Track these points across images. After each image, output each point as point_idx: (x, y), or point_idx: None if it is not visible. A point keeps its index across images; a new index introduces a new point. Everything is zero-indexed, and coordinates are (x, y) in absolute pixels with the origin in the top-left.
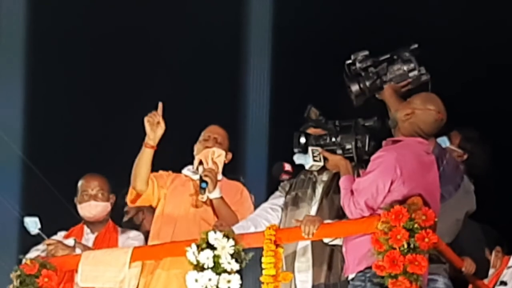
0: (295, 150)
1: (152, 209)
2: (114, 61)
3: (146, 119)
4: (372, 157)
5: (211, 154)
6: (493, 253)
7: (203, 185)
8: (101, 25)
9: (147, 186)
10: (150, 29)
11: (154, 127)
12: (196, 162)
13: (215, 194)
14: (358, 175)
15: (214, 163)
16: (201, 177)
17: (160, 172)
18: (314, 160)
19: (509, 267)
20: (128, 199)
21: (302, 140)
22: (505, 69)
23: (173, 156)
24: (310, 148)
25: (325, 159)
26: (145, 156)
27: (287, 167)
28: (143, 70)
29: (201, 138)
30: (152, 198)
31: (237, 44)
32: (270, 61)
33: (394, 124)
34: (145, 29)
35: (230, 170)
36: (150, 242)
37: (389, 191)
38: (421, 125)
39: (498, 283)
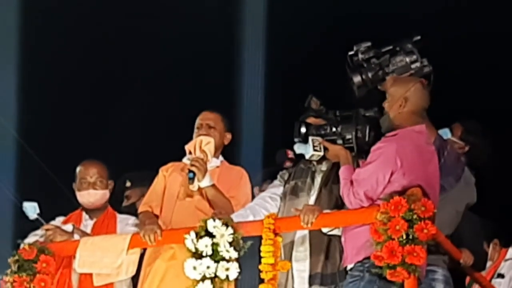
0: (296, 139)
1: None
2: (111, 45)
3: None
4: (373, 148)
5: (198, 143)
6: (491, 245)
7: (190, 175)
8: (98, 9)
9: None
10: (146, 18)
11: None
12: (187, 152)
13: (205, 183)
14: (358, 166)
15: (203, 151)
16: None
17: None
18: (315, 150)
19: (507, 260)
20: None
21: (303, 129)
22: (507, 62)
23: (171, 148)
24: (310, 138)
25: (325, 149)
26: None
27: (291, 154)
28: (139, 58)
29: (195, 127)
30: None
31: (232, 32)
32: (266, 50)
33: (390, 127)
34: (142, 18)
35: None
36: None
37: (389, 182)
38: (420, 102)
39: (496, 275)
